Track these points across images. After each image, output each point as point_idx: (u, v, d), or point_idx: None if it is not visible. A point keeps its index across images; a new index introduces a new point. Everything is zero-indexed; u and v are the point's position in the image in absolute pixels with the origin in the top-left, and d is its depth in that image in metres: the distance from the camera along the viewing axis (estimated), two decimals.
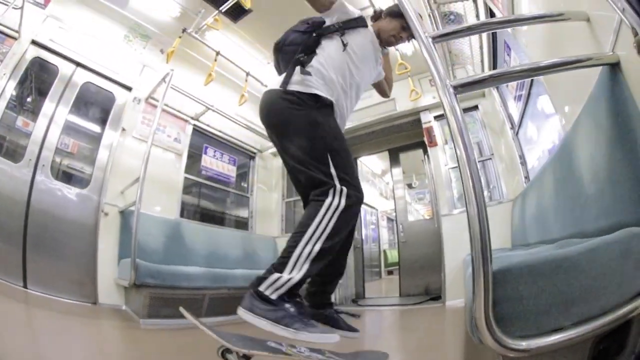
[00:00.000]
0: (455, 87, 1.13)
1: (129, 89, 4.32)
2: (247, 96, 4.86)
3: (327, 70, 1.76)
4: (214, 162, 5.31)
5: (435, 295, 4.78)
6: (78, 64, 3.95)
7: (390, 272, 9.96)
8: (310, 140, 1.64)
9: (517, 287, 1.03)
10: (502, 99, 4.28)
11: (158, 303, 3.23)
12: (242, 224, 5.73)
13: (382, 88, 2.30)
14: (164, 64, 4.29)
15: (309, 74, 1.73)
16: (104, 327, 2.98)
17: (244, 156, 5.93)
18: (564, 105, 2.25)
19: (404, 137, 5.82)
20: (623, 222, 1.23)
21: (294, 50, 1.87)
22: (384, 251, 10.93)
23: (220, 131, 5.36)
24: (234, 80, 5.14)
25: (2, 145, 3.43)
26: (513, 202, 3.95)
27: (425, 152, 5.23)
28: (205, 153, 5.21)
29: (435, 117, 4.92)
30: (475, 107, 4.77)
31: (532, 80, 3.14)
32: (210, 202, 5.44)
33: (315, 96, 1.69)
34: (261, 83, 4.99)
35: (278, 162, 6.23)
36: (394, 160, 6.32)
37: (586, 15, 1.57)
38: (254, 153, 6.01)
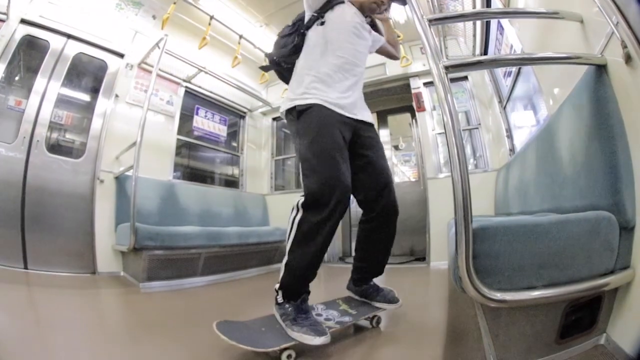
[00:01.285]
0: (447, 68, 1.22)
1: (121, 55, 4.29)
2: (240, 58, 4.87)
3: (308, 69, 1.93)
4: (206, 123, 5.37)
5: (420, 256, 5.04)
6: (69, 36, 3.90)
7: None
8: (297, 152, 1.87)
9: (494, 245, 1.20)
10: (493, 74, 4.37)
11: (156, 265, 3.35)
12: (233, 183, 5.88)
13: (387, 52, 2.44)
14: (156, 30, 4.30)
15: (291, 86, 2.00)
16: (104, 296, 3.09)
17: (234, 116, 5.98)
18: (550, 89, 2.37)
19: (393, 101, 5.93)
20: (595, 205, 1.39)
21: (288, 55, 2.08)
22: None
23: (211, 92, 5.38)
24: (226, 43, 5.10)
25: None
26: (497, 172, 4.13)
27: (413, 116, 5.36)
28: (197, 114, 5.25)
29: (425, 84, 5.00)
30: (465, 78, 4.84)
31: None
32: (202, 162, 5.55)
33: (295, 108, 1.85)
34: (254, 45, 5.00)
35: (268, 121, 6.38)
36: (382, 122, 6.42)
37: (580, 16, 1.66)
38: (244, 112, 6.07)
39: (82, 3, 4.01)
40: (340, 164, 1.71)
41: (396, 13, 4.60)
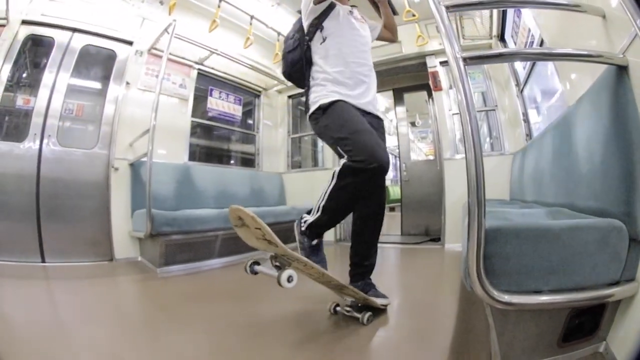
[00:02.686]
0: (465, 59, 1.19)
1: (130, 43, 4.31)
2: (253, 39, 4.84)
3: (324, 73, 2.14)
4: (220, 103, 5.40)
5: (434, 236, 5.08)
6: (75, 30, 3.93)
7: (392, 209, 10.30)
8: (329, 139, 2.09)
9: (505, 246, 1.22)
10: None
11: (173, 250, 3.49)
12: (249, 162, 5.95)
13: (384, 37, 2.59)
14: (165, 15, 4.30)
15: (313, 92, 2.18)
16: (122, 284, 3.23)
17: (249, 95, 5.99)
18: (569, 79, 2.33)
19: (409, 78, 5.87)
20: (608, 210, 1.38)
21: (301, 69, 2.27)
22: (387, 188, 11.21)
23: (225, 73, 5.39)
24: (238, 24, 5.06)
25: (6, 128, 3.58)
26: (513, 156, 4.09)
27: (430, 94, 5.31)
28: (211, 95, 5.29)
29: (441, 63, 4.90)
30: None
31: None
32: (218, 143, 5.63)
33: (319, 107, 2.09)
34: (266, 25, 4.96)
35: (283, 99, 6.36)
36: (399, 99, 6.40)
37: (602, 11, 1.61)
38: (259, 92, 6.07)
39: None
40: (376, 136, 1.98)
41: None
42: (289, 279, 1.56)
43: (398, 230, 5.96)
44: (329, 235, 2.17)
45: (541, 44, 3.02)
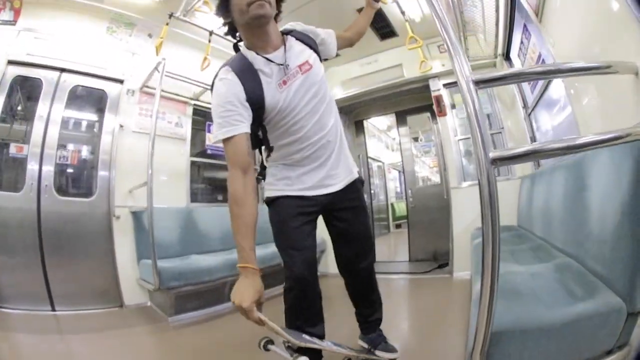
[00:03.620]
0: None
1: (120, 82, 4.43)
2: None
3: (273, 160, 1.99)
4: None
5: (443, 261, 5.29)
6: (62, 70, 4.05)
7: (398, 226, 10.53)
8: None
9: (508, 346, 1.38)
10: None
11: (183, 300, 3.70)
12: None
13: (345, 45, 2.27)
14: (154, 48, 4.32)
15: (267, 174, 2.07)
16: (135, 336, 3.38)
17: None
18: (588, 119, 2.45)
19: (412, 100, 6.02)
20: (612, 281, 1.52)
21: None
22: (392, 204, 11.47)
23: None
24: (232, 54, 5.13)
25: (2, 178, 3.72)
26: (522, 180, 4.25)
27: (434, 116, 5.46)
28: (209, 131, 5.38)
29: (445, 85, 5.06)
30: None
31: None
32: (220, 181, 5.65)
33: (265, 199, 2.04)
34: None
35: None
36: (401, 121, 6.64)
37: (636, 68, 1.56)
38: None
39: (70, 32, 4.12)
40: (296, 257, 1.91)
41: (411, 11, 4.58)
42: None
43: (406, 254, 6.20)
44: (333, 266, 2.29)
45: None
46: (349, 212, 2.05)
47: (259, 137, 1.93)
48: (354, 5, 4.49)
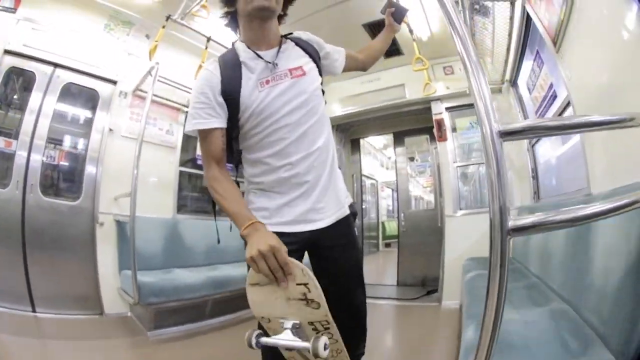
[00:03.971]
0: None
1: (114, 82, 4.37)
2: None
3: (250, 177, 1.75)
4: None
5: (431, 288, 5.31)
6: (56, 65, 3.99)
7: (388, 245, 10.59)
8: None
9: None
10: (522, 105, 4.42)
11: (163, 316, 3.68)
12: None
13: (354, 67, 2.10)
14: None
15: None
16: (112, 348, 3.38)
17: None
18: (603, 168, 2.40)
19: (411, 121, 6.07)
20: (607, 337, 1.53)
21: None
22: (382, 223, 11.54)
23: None
24: None
25: None
26: (518, 211, 4.22)
27: (432, 138, 5.51)
28: None
29: (447, 109, 5.10)
30: None
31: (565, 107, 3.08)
32: (208, 193, 5.61)
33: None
34: None
35: None
36: (399, 142, 6.68)
37: None
38: None
39: (68, 26, 4.06)
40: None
41: (419, 30, 4.61)
42: (325, 346, 1.32)
43: (394, 277, 6.23)
44: None
45: (566, 106, 3.00)
46: (337, 250, 1.76)
47: (232, 147, 1.68)
48: (360, 19, 4.52)
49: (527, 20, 3.53)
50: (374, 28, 4.68)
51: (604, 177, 2.39)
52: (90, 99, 4.30)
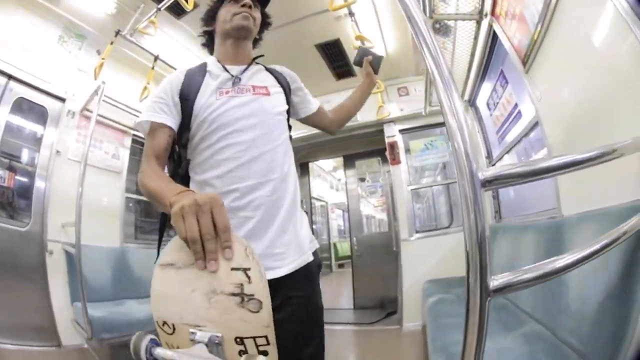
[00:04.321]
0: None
1: (62, 100, 4.16)
2: None
3: None
4: None
5: (391, 310, 5.34)
6: (10, 77, 3.74)
7: (341, 265, 10.61)
8: None
9: None
10: (481, 126, 4.55)
11: (117, 349, 3.51)
12: None
13: (321, 125, 1.97)
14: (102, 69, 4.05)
15: None
16: None
17: None
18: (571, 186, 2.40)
19: (362, 144, 6.16)
20: (588, 357, 1.56)
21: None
22: (334, 244, 11.58)
23: None
24: None
25: None
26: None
27: (385, 160, 5.62)
28: None
29: (401, 131, 5.20)
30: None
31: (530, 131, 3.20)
32: (156, 222, 5.40)
33: None
34: None
35: None
36: (349, 165, 6.77)
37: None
38: None
39: (23, 33, 3.85)
40: None
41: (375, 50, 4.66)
42: None
43: (350, 300, 6.24)
44: None
45: (534, 126, 3.04)
46: (294, 304, 1.44)
47: (180, 155, 1.54)
48: (313, 39, 4.53)
49: (493, 39, 3.56)
50: (326, 48, 4.73)
51: (574, 195, 2.39)
52: (40, 117, 4.06)
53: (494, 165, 4.28)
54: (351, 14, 3.77)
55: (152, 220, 5.29)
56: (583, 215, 2.03)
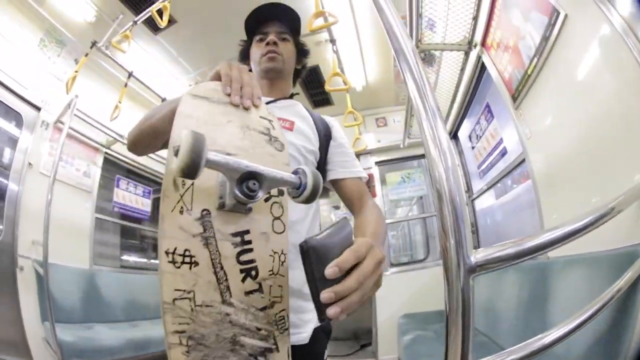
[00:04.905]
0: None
1: (38, 109, 4.03)
2: None
3: None
4: (127, 196, 5.18)
5: (365, 342, 5.30)
6: None
7: None
8: None
9: None
10: (461, 158, 4.59)
11: None
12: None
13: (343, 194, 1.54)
14: (79, 78, 3.89)
15: None
16: None
17: (160, 185, 5.81)
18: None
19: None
20: None
21: None
22: None
23: (134, 161, 5.23)
24: (152, 101, 4.87)
25: None
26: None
27: None
28: (118, 186, 5.06)
29: (377, 163, 5.26)
30: (423, 156, 5.14)
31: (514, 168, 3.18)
32: (127, 242, 5.35)
33: None
34: None
35: None
36: (324, 193, 6.71)
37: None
38: None
39: (6, 31, 3.75)
40: None
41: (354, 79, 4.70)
42: None
43: None
44: None
45: (521, 163, 3.00)
46: None
47: None
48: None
49: (481, 71, 3.52)
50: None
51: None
52: (15, 123, 3.92)
53: (473, 200, 4.39)
54: (332, 40, 3.75)
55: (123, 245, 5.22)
56: (570, 259, 1.98)
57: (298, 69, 1.68)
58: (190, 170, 0.71)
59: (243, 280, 0.85)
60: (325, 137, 1.52)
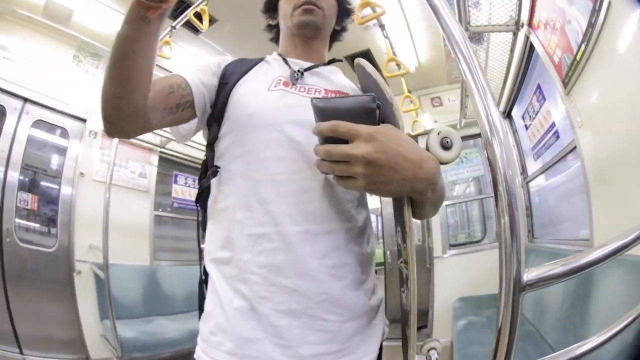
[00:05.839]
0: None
1: (83, 121, 4.34)
2: None
3: (210, 243, 1.15)
4: (187, 191, 5.46)
5: (421, 324, 5.33)
6: (26, 100, 3.94)
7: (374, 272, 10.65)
8: None
9: None
10: (517, 139, 4.47)
11: None
12: None
13: None
14: None
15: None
16: None
17: None
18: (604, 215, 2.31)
19: None
20: None
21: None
22: None
23: (189, 156, 5.43)
24: None
25: None
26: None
27: None
28: (176, 182, 5.36)
29: None
30: (479, 135, 4.98)
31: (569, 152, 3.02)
32: (186, 237, 5.57)
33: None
34: None
35: None
36: None
37: None
38: None
39: (38, 56, 4.02)
40: None
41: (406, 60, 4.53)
42: None
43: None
44: None
45: (572, 151, 2.91)
46: None
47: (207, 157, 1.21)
48: (343, 51, 4.53)
49: (530, 51, 3.39)
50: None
51: (610, 225, 2.23)
52: (60, 138, 4.26)
53: (528, 182, 4.27)
54: (381, 25, 3.69)
55: (182, 238, 5.46)
56: (622, 259, 1.93)
57: (337, 30, 1.37)
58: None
59: None
60: None
